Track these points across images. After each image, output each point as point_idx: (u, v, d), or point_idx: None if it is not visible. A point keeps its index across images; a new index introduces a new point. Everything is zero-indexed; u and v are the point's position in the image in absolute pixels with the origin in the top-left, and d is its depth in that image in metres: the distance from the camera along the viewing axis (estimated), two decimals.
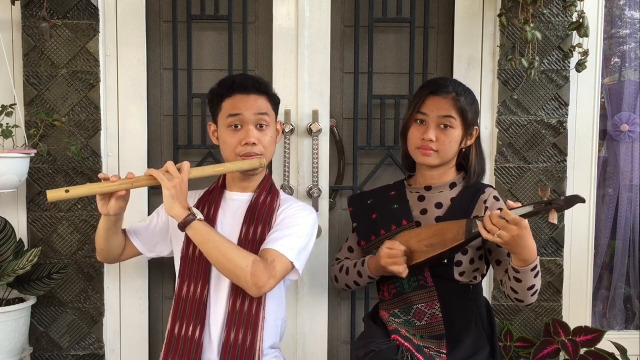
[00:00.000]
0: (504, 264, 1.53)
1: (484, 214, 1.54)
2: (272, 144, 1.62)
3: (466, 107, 1.58)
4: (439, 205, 1.62)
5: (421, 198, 1.65)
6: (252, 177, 1.63)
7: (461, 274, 1.56)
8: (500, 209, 1.38)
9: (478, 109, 1.66)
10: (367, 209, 1.72)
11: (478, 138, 1.66)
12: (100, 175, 1.47)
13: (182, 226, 1.44)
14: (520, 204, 1.37)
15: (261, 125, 1.58)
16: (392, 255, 1.51)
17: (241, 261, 1.43)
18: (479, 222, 1.40)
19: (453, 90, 1.59)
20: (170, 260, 1.74)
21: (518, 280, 1.45)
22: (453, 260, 1.56)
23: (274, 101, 1.65)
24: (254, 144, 1.56)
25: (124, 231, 1.69)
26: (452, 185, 1.64)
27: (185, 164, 1.47)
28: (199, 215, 1.46)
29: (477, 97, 1.97)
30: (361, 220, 1.72)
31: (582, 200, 1.31)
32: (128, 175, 1.47)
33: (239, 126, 1.57)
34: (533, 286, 1.46)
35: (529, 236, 1.37)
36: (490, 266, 1.63)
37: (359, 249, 1.74)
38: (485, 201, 1.58)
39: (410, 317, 1.59)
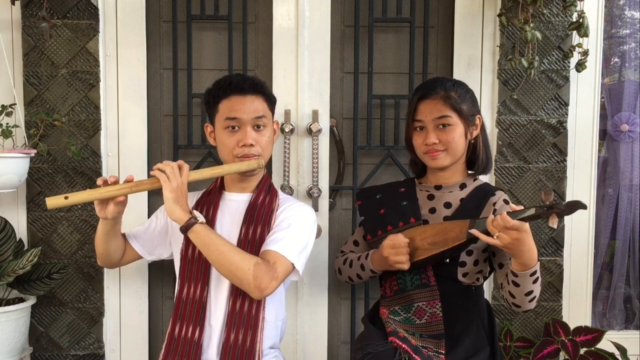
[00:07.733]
0: (506, 268, 1.51)
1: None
2: (270, 144, 1.62)
3: (459, 101, 1.58)
4: (448, 205, 1.61)
5: (431, 197, 1.65)
6: (251, 178, 1.63)
7: (464, 274, 1.56)
8: (498, 213, 1.37)
9: (474, 98, 1.65)
10: (375, 204, 1.71)
11: (482, 126, 1.65)
12: (99, 182, 1.46)
13: (185, 230, 1.44)
14: (522, 207, 1.36)
15: (258, 126, 1.58)
16: (395, 246, 1.51)
17: (243, 264, 1.42)
18: (475, 229, 1.39)
19: (441, 89, 1.58)
20: (170, 260, 1.74)
21: (516, 284, 1.43)
22: (457, 260, 1.55)
23: (271, 101, 1.64)
24: (251, 145, 1.56)
25: (123, 235, 1.69)
26: (463, 185, 1.63)
27: (185, 166, 1.48)
28: (201, 219, 1.46)
29: (477, 97, 1.97)
30: (369, 214, 1.72)
31: (584, 207, 1.28)
32: (127, 178, 1.47)
33: (237, 127, 1.57)
34: (531, 292, 1.44)
35: (530, 240, 1.35)
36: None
37: (364, 243, 1.75)
38: (494, 204, 1.57)
39: (410, 315, 1.59)
